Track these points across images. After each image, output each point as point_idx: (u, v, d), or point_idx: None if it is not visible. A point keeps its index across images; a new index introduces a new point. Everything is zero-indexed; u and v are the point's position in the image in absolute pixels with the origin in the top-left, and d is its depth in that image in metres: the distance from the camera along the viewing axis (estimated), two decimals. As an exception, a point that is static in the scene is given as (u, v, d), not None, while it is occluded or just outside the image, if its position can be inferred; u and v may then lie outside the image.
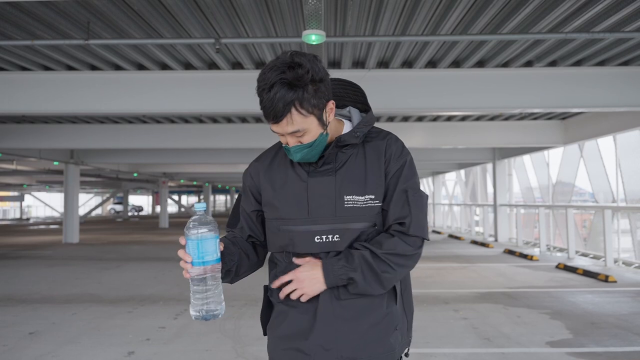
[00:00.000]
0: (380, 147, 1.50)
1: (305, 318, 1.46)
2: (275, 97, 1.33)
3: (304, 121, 1.37)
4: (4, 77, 7.37)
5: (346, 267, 1.41)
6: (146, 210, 57.59)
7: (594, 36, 5.41)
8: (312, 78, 1.35)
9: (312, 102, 1.36)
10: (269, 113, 1.36)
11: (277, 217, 1.50)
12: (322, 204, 1.45)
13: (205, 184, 33.54)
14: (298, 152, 1.43)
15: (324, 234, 1.45)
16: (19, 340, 4.81)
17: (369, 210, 1.45)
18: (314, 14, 3.91)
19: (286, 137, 1.42)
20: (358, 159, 1.49)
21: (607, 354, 4.33)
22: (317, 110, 1.38)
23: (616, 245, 9.97)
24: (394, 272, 1.43)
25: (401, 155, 1.50)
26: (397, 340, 1.49)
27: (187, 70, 7.43)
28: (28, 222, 34.32)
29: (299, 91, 1.33)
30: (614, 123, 9.88)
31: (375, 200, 1.46)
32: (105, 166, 18.73)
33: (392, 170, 1.48)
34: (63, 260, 11.31)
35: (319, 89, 1.37)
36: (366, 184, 1.46)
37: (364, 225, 1.45)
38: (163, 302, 6.59)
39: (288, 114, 1.35)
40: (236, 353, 4.38)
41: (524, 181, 16.56)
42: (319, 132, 1.42)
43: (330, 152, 1.47)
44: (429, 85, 7.46)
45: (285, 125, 1.37)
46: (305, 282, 1.43)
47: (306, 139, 1.41)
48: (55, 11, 5.28)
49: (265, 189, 1.54)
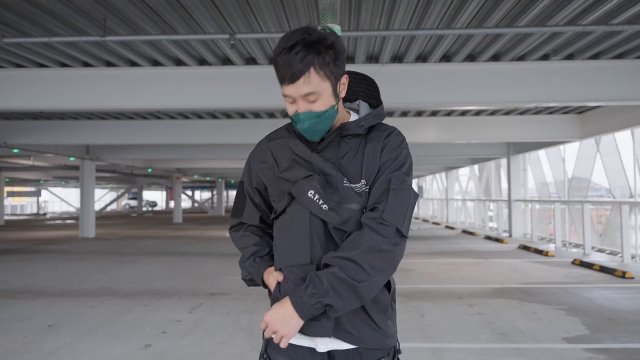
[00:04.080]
0: (380, 137, 1.47)
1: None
2: (296, 56, 1.32)
3: (320, 84, 1.36)
4: (21, 73, 7.48)
5: (316, 295, 1.33)
6: (160, 205, 58.11)
7: (613, 28, 5.32)
8: (334, 44, 1.36)
9: (331, 67, 1.36)
10: (286, 72, 1.34)
11: (281, 179, 1.47)
12: (327, 178, 1.43)
13: (219, 180, 33.72)
14: (307, 120, 1.39)
15: (318, 195, 1.39)
16: (38, 333, 4.90)
17: (363, 195, 1.42)
18: (330, 8, 3.90)
19: (298, 102, 1.39)
20: (359, 151, 1.46)
21: (625, 350, 4.28)
22: (333, 77, 1.38)
23: (633, 241, 9.84)
24: (371, 278, 1.33)
25: (398, 147, 1.46)
26: (390, 328, 1.48)
27: (201, 66, 7.47)
28: (45, 217, 34.85)
29: (320, 53, 1.34)
30: (632, 117, 9.71)
31: (366, 186, 1.43)
32: (120, 162, 18.93)
33: (384, 159, 1.44)
34: (79, 255, 11.47)
35: (338, 57, 1.37)
36: (362, 173, 1.44)
37: (356, 207, 1.41)
38: (178, 296, 6.65)
39: (307, 73, 1.33)
40: (251, 346, 4.41)
41: (539, 176, 16.39)
42: (331, 103, 1.40)
43: (331, 140, 1.45)
44: (444, 79, 7.40)
45: (301, 85, 1.35)
46: (277, 324, 1.36)
47: (318, 105, 1.38)
48: (72, 8, 5.33)
49: (277, 159, 1.50)
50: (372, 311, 1.44)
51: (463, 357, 4.14)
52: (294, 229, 1.44)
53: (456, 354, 4.21)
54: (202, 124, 12.35)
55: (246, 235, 1.59)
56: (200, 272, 8.56)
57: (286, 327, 1.36)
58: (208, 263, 9.77)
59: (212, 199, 45.26)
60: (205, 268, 9.09)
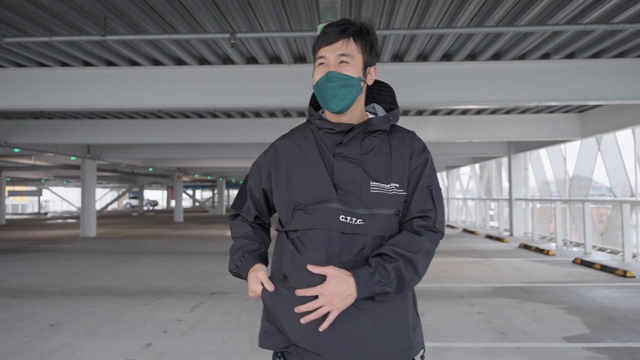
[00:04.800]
0: (406, 140, 1.54)
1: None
2: (338, 27, 1.48)
3: (354, 52, 1.48)
4: (22, 73, 7.48)
5: (382, 283, 1.37)
6: (161, 204, 58.15)
7: (614, 27, 5.31)
8: (370, 33, 1.51)
9: (367, 48, 1.50)
10: (330, 37, 1.47)
11: (298, 195, 1.48)
12: (348, 188, 1.44)
13: (219, 179, 33.74)
14: (334, 78, 1.46)
15: (350, 216, 1.42)
16: (40, 332, 4.90)
17: (395, 198, 1.46)
18: (330, 7, 3.91)
19: (330, 63, 1.47)
20: (383, 148, 1.50)
21: (626, 349, 4.28)
22: (366, 58, 1.50)
23: (634, 240, 9.83)
24: (418, 280, 1.45)
25: (424, 151, 1.54)
26: (412, 339, 1.47)
27: (202, 66, 7.47)
28: (46, 217, 34.89)
29: (362, 35, 1.50)
30: (633, 116, 9.70)
31: (400, 189, 1.47)
32: (121, 161, 18.94)
33: (415, 164, 1.51)
34: (80, 254, 11.49)
35: (373, 49, 1.53)
36: (391, 172, 1.47)
37: (389, 212, 1.45)
38: (179, 295, 6.66)
39: (347, 38, 1.47)
40: (252, 345, 4.41)
41: (540, 175, 16.38)
42: (359, 75, 1.49)
43: (355, 135, 1.48)
44: (444, 78, 7.40)
45: (339, 45, 1.47)
46: (335, 298, 1.34)
47: (348, 69, 1.47)
48: (73, 7, 5.34)
49: (286, 167, 1.52)
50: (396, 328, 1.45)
51: (464, 356, 4.14)
52: (312, 250, 1.44)
53: (457, 353, 4.21)
54: (203, 123, 12.35)
55: (241, 224, 1.64)
56: (201, 271, 8.58)
57: (341, 303, 1.36)
58: (209, 262, 9.78)
59: (213, 198, 45.28)
60: (206, 267, 9.09)
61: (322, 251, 1.41)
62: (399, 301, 1.45)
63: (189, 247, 13.01)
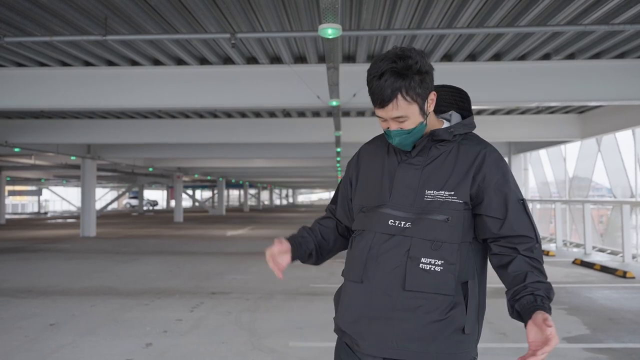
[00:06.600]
0: (474, 151, 1.56)
1: (366, 296, 1.51)
2: (384, 84, 1.45)
3: (407, 108, 1.48)
4: (23, 73, 7.49)
5: (550, 308, 1.46)
6: (161, 204, 58.14)
7: (614, 28, 5.31)
8: (419, 69, 1.47)
9: (417, 90, 1.47)
10: (377, 98, 1.48)
11: (363, 198, 1.62)
12: (404, 193, 1.54)
13: (219, 179, 33.73)
14: (397, 136, 1.52)
15: (398, 220, 1.52)
16: (40, 332, 4.90)
17: (447, 205, 1.50)
18: (331, 7, 3.90)
19: (389, 122, 1.52)
20: (449, 157, 1.55)
21: (625, 350, 4.29)
22: (420, 99, 1.49)
23: (634, 241, 9.83)
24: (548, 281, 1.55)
25: (502, 164, 1.55)
26: (457, 344, 1.48)
27: (202, 65, 7.47)
28: (46, 216, 34.89)
29: (406, 80, 1.45)
30: (633, 117, 9.71)
31: (454, 197, 1.50)
32: (121, 161, 18.94)
33: (494, 178, 1.52)
34: (81, 254, 11.49)
35: (424, 79, 1.49)
36: (448, 180, 1.52)
37: (439, 217, 1.49)
38: (179, 295, 6.66)
39: (394, 100, 1.46)
40: (252, 345, 4.42)
41: (540, 176, 16.38)
42: (419, 120, 1.52)
43: (423, 145, 1.55)
44: (445, 79, 7.17)
45: (390, 110, 1.48)
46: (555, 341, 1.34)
47: (407, 124, 1.50)
48: (73, 7, 5.34)
49: (362, 171, 1.67)
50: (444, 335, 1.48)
51: (464, 356, 4.13)
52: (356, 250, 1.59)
53: (457, 354, 4.21)
54: (203, 123, 12.36)
55: (320, 219, 1.81)
56: (201, 271, 8.57)
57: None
58: (209, 262, 9.78)
59: (213, 198, 45.25)
60: (206, 267, 9.09)
61: (363, 253, 1.55)
62: (445, 299, 1.48)
63: (189, 247, 13.01)
